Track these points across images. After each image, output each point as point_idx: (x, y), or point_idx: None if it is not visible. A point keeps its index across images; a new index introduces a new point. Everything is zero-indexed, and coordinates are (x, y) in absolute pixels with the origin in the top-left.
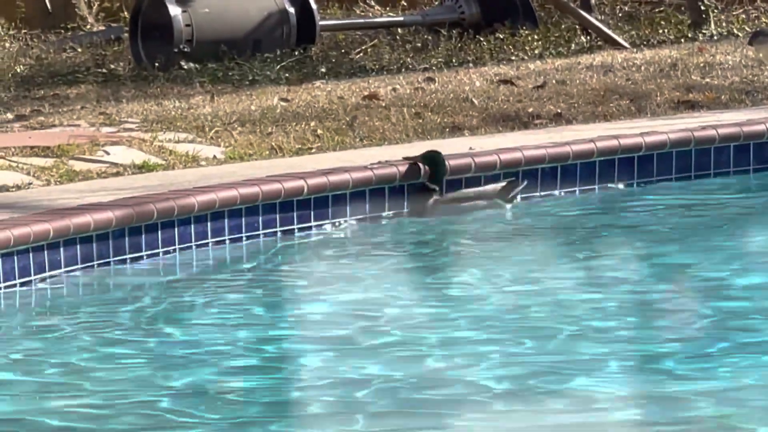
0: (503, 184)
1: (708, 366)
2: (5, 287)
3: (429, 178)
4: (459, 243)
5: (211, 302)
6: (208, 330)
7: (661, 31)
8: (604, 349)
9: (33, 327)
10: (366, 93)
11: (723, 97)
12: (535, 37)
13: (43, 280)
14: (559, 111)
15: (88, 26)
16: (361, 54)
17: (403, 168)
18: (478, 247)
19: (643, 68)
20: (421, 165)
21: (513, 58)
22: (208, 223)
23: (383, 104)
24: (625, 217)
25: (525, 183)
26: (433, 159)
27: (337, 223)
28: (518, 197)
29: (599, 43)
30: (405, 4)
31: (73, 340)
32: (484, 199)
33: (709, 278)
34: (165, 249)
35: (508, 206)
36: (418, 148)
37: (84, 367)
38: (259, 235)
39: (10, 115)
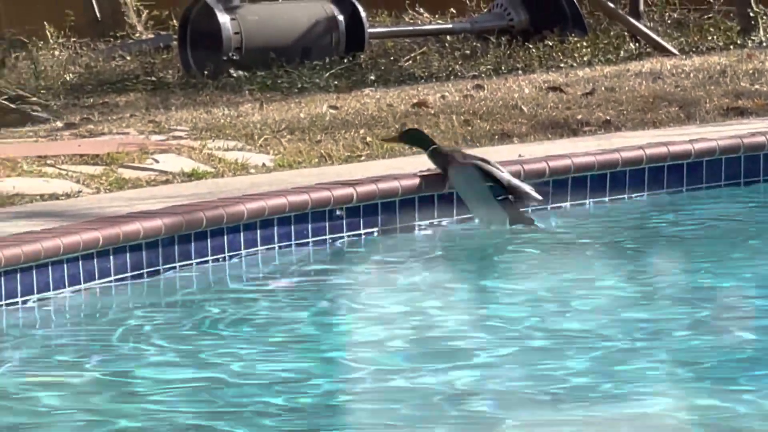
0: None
1: None
2: (54, 295)
3: (432, 151)
4: (510, 252)
5: (264, 310)
6: (260, 339)
7: (710, 37)
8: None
9: (82, 335)
10: (415, 100)
11: None
12: (584, 44)
13: (92, 287)
14: (608, 118)
15: (137, 34)
16: (410, 61)
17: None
18: (535, 255)
19: (692, 75)
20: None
21: (562, 65)
22: (258, 231)
23: (432, 112)
24: (675, 224)
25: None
26: (413, 137)
27: (387, 231)
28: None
29: (648, 50)
30: (454, 11)
31: (118, 347)
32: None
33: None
34: (214, 257)
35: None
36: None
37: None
38: (308, 243)
39: (59, 123)
